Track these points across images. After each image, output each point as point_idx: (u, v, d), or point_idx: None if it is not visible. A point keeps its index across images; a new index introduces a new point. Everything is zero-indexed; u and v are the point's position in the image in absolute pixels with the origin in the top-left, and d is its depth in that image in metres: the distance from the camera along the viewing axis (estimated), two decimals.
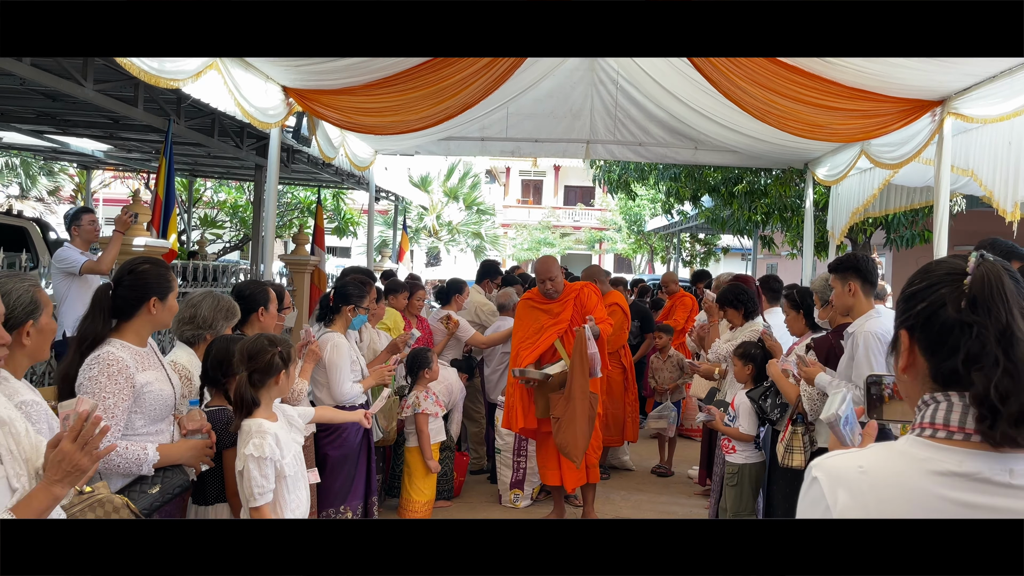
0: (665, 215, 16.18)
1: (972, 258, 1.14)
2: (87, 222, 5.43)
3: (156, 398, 2.55)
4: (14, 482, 1.64)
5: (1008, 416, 1.06)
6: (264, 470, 2.65)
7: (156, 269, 2.63)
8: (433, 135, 8.23)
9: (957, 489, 1.08)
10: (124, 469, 2.43)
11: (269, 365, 2.79)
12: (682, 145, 8.87)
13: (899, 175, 7.25)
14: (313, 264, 8.88)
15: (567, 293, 5.19)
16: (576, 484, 5.08)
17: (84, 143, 10.26)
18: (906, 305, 1.20)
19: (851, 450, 1.24)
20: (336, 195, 16.53)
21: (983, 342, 1.09)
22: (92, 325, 2.52)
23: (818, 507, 1.16)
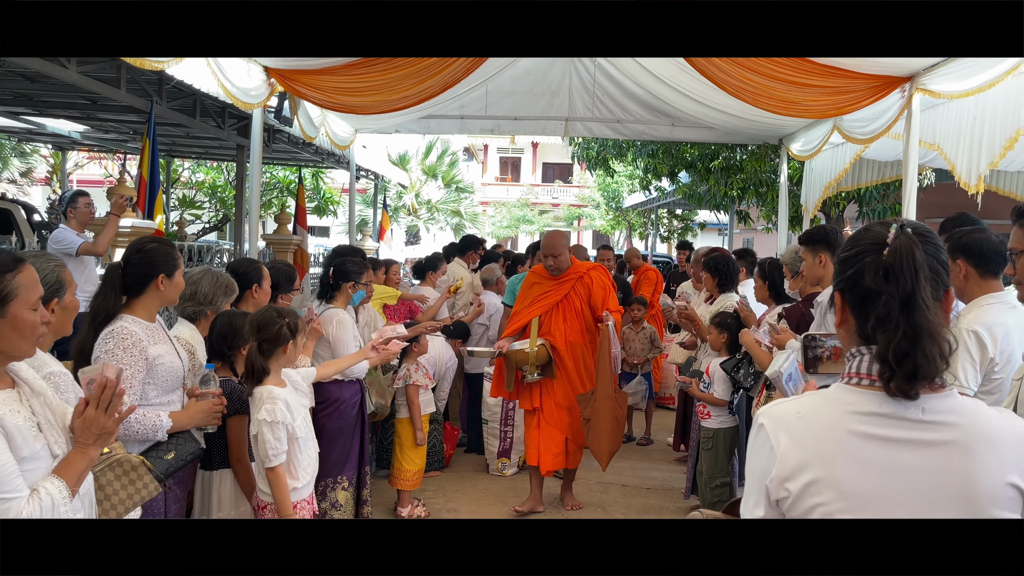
0: (643, 191, 16.34)
1: (892, 230, 1.31)
2: (83, 205, 5.51)
3: (167, 370, 2.69)
4: (55, 448, 1.77)
5: (902, 373, 1.25)
6: (277, 433, 2.83)
7: (163, 247, 2.76)
8: (413, 114, 8.28)
9: (877, 426, 1.28)
10: (143, 435, 2.57)
11: (277, 335, 2.95)
12: (659, 122, 8.99)
13: (870, 150, 7.44)
14: (296, 243, 8.96)
15: (570, 273, 5.00)
16: (551, 467, 4.99)
17: (61, 124, 10.19)
18: (839, 269, 1.38)
19: (791, 398, 1.44)
20: (315, 174, 16.50)
21: (889, 309, 1.27)
22: (104, 301, 2.65)
23: (764, 448, 1.34)
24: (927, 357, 1.25)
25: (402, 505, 4.89)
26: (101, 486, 2.03)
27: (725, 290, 4.80)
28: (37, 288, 1.76)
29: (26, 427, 1.71)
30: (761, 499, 1.34)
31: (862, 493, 1.27)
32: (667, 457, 6.42)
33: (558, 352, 4.92)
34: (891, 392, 1.27)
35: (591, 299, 4.95)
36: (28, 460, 1.68)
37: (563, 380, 4.94)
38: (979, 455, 1.26)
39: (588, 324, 4.97)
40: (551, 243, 5.00)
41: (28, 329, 1.73)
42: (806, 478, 1.28)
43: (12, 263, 1.73)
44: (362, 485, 4.20)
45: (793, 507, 1.31)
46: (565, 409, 4.95)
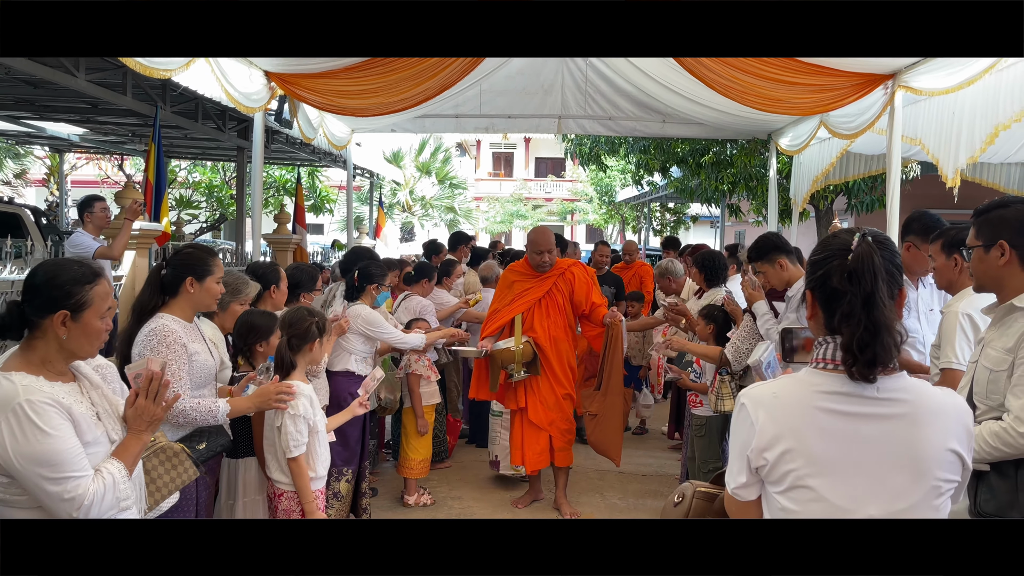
0: (635, 186, 16.53)
1: (856, 238, 1.54)
2: (99, 209, 5.69)
3: (202, 366, 2.89)
4: (112, 435, 1.99)
5: (863, 360, 1.48)
6: (299, 426, 3.04)
7: (198, 253, 2.95)
8: (409, 113, 8.45)
9: (839, 403, 1.51)
10: (201, 420, 2.78)
11: (306, 332, 3.17)
12: (650, 119, 9.16)
13: (857, 144, 7.63)
14: (295, 242, 9.11)
15: (552, 269, 4.96)
16: (536, 466, 4.92)
17: (60, 127, 10.31)
18: (811, 270, 1.61)
19: (768, 381, 1.69)
20: (312, 173, 16.63)
21: (852, 306, 1.50)
22: (144, 297, 2.88)
23: (745, 424, 1.57)
24: (884, 347, 1.48)
25: (409, 493, 5.08)
26: (147, 470, 2.21)
27: (713, 285, 4.99)
28: (108, 299, 1.98)
29: (88, 415, 1.92)
30: (743, 468, 1.58)
31: (827, 459, 1.50)
32: (661, 445, 6.63)
33: (542, 349, 4.86)
34: (853, 376, 1.50)
35: (574, 295, 4.92)
36: (91, 444, 1.89)
37: (547, 377, 4.89)
38: (925, 426, 1.50)
39: (570, 320, 4.96)
40: (545, 238, 4.93)
41: (96, 335, 1.95)
42: (781, 448, 1.52)
43: (92, 276, 1.94)
44: (361, 478, 4.40)
45: (770, 473, 1.54)
46: (550, 406, 4.89)
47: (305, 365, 3.22)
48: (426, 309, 5.48)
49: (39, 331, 1.90)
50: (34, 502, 1.83)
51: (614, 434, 4.80)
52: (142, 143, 11.16)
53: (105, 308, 1.96)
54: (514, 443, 4.96)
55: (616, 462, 4.93)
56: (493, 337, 4.92)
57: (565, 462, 4.97)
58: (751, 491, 1.60)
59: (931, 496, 1.50)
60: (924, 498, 1.50)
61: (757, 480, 1.58)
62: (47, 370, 1.91)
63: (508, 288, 5.04)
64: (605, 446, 4.82)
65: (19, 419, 1.78)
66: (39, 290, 1.90)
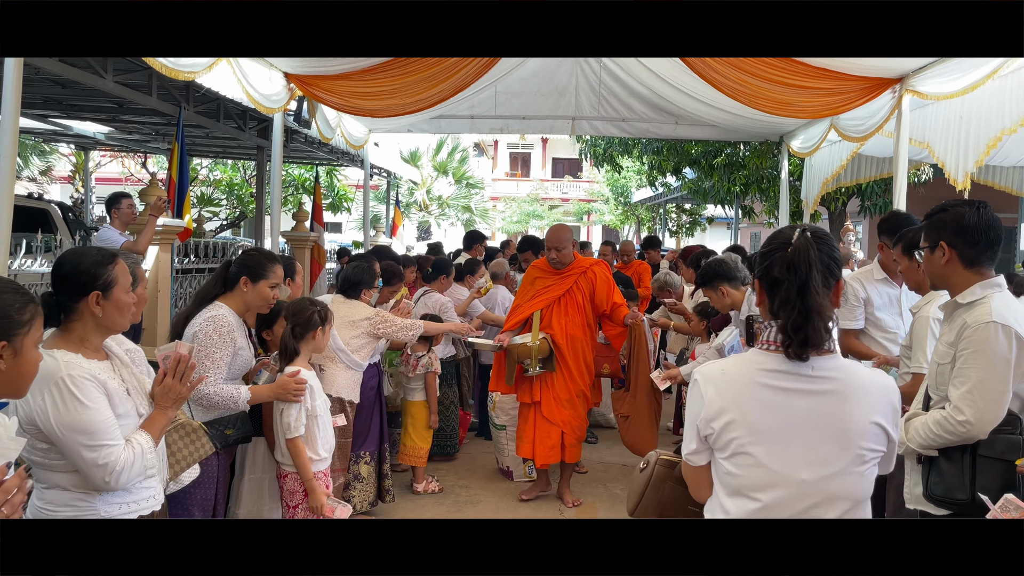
0: (650, 187, 16.62)
1: (796, 233, 1.72)
2: (126, 206, 5.92)
3: (243, 360, 3.13)
4: (140, 409, 2.20)
5: (797, 341, 1.66)
6: (296, 409, 3.22)
7: (258, 256, 3.18)
8: (425, 114, 8.60)
9: (777, 380, 1.70)
10: (223, 405, 2.99)
11: (309, 320, 3.34)
12: (663, 120, 9.26)
13: (869, 146, 7.69)
14: (313, 240, 9.30)
15: (573, 267, 5.01)
16: (546, 461, 4.99)
17: (86, 126, 10.58)
18: (759, 260, 1.78)
19: (719, 360, 1.91)
20: (330, 172, 16.87)
21: (789, 293, 1.67)
22: (208, 284, 3.17)
23: (697, 398, 1.77)
24: (815, 330, 1.66)
25: (417, 481, 5.25)
26: (168, 444, 2.41)
27: None
28: (128, 276, 2.19)
29: (120, 391, 2.13)
30: (694, 436, 1.77)
31: (765, 429, 1.68)
32: (665, 440, 6.72)
33: (558, 346, 4.94)
34: (789, 356, 1.68)
35: (595, 295, 4.98)
36: (122, 417, 2.10)
37: (562, 374, 4.97)
38: (852, 401, 1.68)
39: (589, 319, 5.03)
40: (556, 236, 5.02)
41: (126, 308, 2.16)
42: (726, 419, 1.70)
43: (111, 257, 2.15)
44: (383, 460, 4.57)
45: (716, 440, 1.72)
46: (564, 403, 4.97)
47: (308, 353, 3.38)
48: (445, 306, 5.64)
49: (75, 314, 2.10)
50: (70, 467, 2.02)
51: (647, 433, 4.83)
52: (165, 142, 11.42)
53: (129, 283, 2.16)
54: (525, 436, 5.02)
55: None
56: (512, 332, 5.02)
57: (574, 458, 5.09)
58: (701, 457, 1.79)
59: (856, 463, 1.68)
60: (850, 464, 1.67)
61: (706, 448, 1.76)
62: (85, 348, 2.10)
63: (530, 284, 5.13)
64: (640, 446, 4.82)
65: (61, 392, 1.97)
66: (68, 278, 2.09)
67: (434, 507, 5.04)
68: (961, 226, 2.41)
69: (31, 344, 1.70)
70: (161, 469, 2.27)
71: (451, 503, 5.12)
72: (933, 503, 2.40)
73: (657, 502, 2.09)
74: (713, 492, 1.79)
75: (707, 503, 1.81)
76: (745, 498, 1.70)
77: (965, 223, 2.41)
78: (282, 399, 3.18)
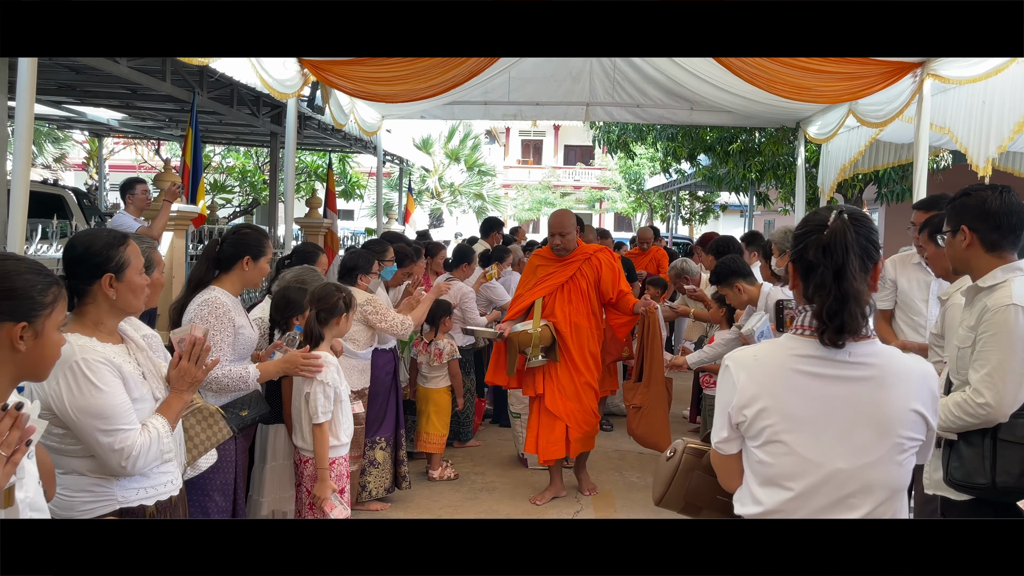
0: (663, 174, 16.52)
1: (832, 215, 1.65)
2: (140, 191, 5.93)
3: (245, 339, 3.08)
4: (156, 393, 2.18)
5: (832, 327, 1.60)
6: (327, 393, 3.21)
7: (256, 234, 3.15)
8: (439, 100, 8.56)
9: (813, 365, 1.64)
10: (233, 386, 2.96)
11: (334, 306, 3.34)
12: (678, 106, 9.17)
13: (887, 132, 7.60)
14: (326, 226, 9.29)
15: (577, 254, 4.82)
16: (551, 456, 4.78)
17: (100, 112, 10.59)
18: (793, 244, 1.73)
19: (751, 346, 1.85)
20: (343, 159, 16.86)
21: (824, 278, 1.61)
22: (199, 269, 3.10)
23: (728, 384, 1.72)
24: (851, 316, 1.60)
25: (433, 468, 5.25)
26: (185, 428, 2.39)
27: None
28: (140, 257, 2.16)
29: (136, 374, 2.10)
30: (725, 423, 1.72)
31: (800, 416, 1.63)
32: (682, 428, 6.69)
33: (561, 335, 4.74)
34: (824, 342, 1.62)
35: (600, 282, 4.79)
36: (137, 401, 2.08)
37: (567, 365, 4.75)
38: (891, 388, 1.63)
39: (594, 307, 4.84)
40: (558, 222, 4.79)
41: (140, 290, 2.13)
42: (759, 406, 1.65)
43: (122, 238, 2.12)
44: (398, 446, 4.57)
45: (749, 428, 1.68)
46: (568, 395, 4.75)
47: (332, 337, 3.38)
48: (467, 295, 5.63)
49: (89, 297, 2.07)
50: (86, 452, 2.01)
51: (660, 425, 4.64)
52: (179, 128, 11.42)
53: (141, 264, 2.14)
54: (530, 430, 4.87)
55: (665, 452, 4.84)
56: (513, 321, 4.85)
57: (581, 451, 4.90)
58: (732, 445, 1.74)
59: (895, 452, 1.63)
60: (888, 453, 1.63)
61: (737, 435, 1.72)
62: (99, 331, 2.08)
63: (532, 272, 4.95)
64: (653, 438, 4.65)
65: (75, 375, 1.95)
66: (81, 260, 2.06)
67: (450, 493, 5.04)
68: (983, 210, 2.39)
69: (53, 327, 1.65)
70: (178, 453, 2.26)
71: (467, 490, 5.11)
72: (953, 488, 2.38)
73: (685, 491, 2.03)
74: (744, 481, 1.75)
75: (737, 492, 1.77)
76: (778, 487, 1.65)
77: (987, 207, 2.39)
78: (292, 373, 3.17)
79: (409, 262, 5.19)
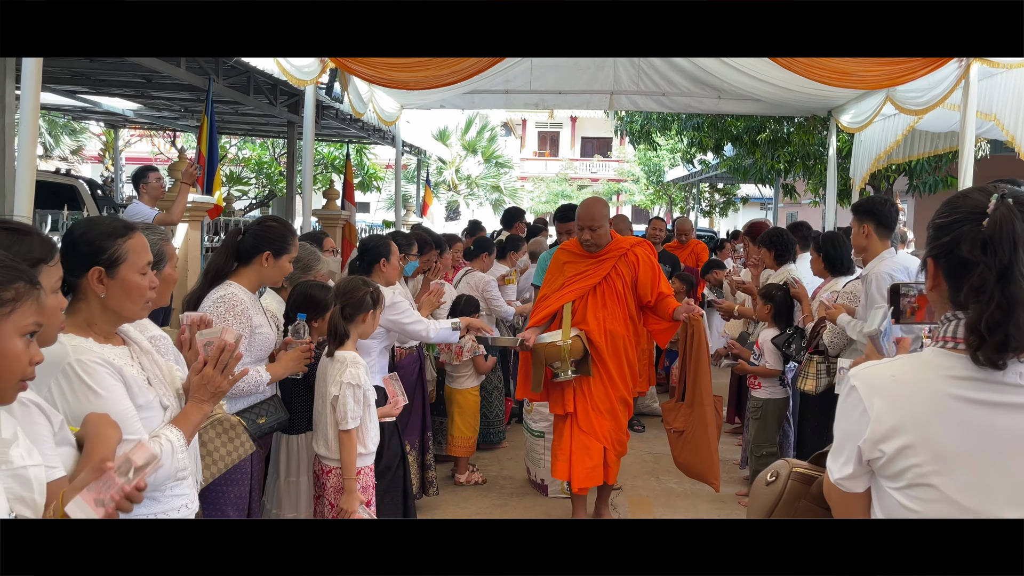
0: (686, 165, 16.22)
1: (993, 200, 1.30)
2: (154, 179, 5.74)
3: (264, 340, 2.86)
4: (164, 400, 1.91)
5: (992, 343, 1.25)
6: (357, 396, 2.98)
7: (280, 228, 2.92)
8: (458, 89, 8.33)
9: (974, 390, 1.29)
10: (246, 392, 2.74)
11: (360, 302, 3.10)
12: (706, 95, 8.91)
13: (923, 121, 7.30)
14: (344, 218, 9.11)
15: (611, 249, 4.12)
16: (585, 483, 4.12)
17: (115, 102, 10.45)
18: (934, 235, 1.39)
19: (883, 360, 1.44)
20: (360, 150, 16.69)
21: (984, 279, 1.27)
22: (217, 260, 2.87)
23: (856, 411, 1.36)
24: (1020, 328, 1.25)
25: (460, 472, 5.02)
26: (203, 442, 2.16)
27: (783, 263, 4.82)
28: (146, 254, 1.88)
29: (139, 379, 1.85)
30: (852, 458, 1.37)
31: (955, 454, 1.29)
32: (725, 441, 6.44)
33: (595, 345, 4.06)
34: (977, 361, 1.27)
35: (638, 282, 4.09)
36: (143, 408, 1.82)
37: (601, 379, 4.10)
38: None
39: (631, 311, 4.15)
40: (589, 212, 4.07)
41: (137, 292, 1.85)
42: (901, 441, 1.31)
43: (123, 230, 1.86)
44: (425, 450, 4.35)
45: (886, 467, 1.34)
46: (604, 413, 4.11)
47: (358, 336, 3.16)
48: (488, 284, 5.42)
49: (80, 292, 1.82)
50: None
51: (706, 453, 3.91)
52: (194, 119, 11.26)
53: (144, 263, 1.86)
54: (560, 453, 4.14)
55: (715, 486, 4.07)
56: (538, 328, 4.16)
57: (613, 479, 4.25)
58: (859, 483, 1.40)
59: None
60: None
61: (867, 472, 1.39)
62: (94, 332, 1.83)
63: (559, 271, 4.23)
64: (699, 469, 3.96)
65: (70, 379, 1.71)
66: (72, 249, 1.81)
67: (478, 499, 4.80)
68: None
69: (10, 332, 1.33)
70: (195, 470, 2.02)
71: (495, 495, 4.87)
72: None
73: None
74: None
75: None
76: None
77: None
78: (297, 370, 2.96)
79: (429, 249, 4.96)
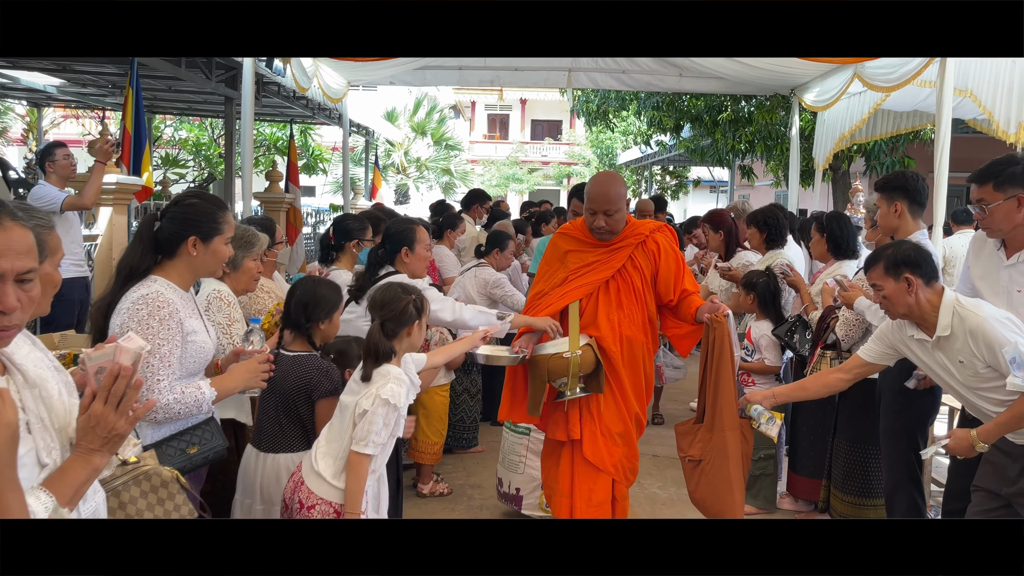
0: (640, 147, 15.97)
1: None
2: (61, 156, 5.00)
3: (198, 350, 2.32)
4: (44, 456, 1.39)
5: None
6: (389, 419, 2.46)
7: (206, 206, 2.35)
8: (410, 64, 7.87)
9: None
10: (186, 413, 2.23)
11: (403, 314, 2.59)
12: (667, 72, 8.65)
13: (888, 100, 7.12)
14: (288, 202, 8.59)
15: (626, 235, 3.25)
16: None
17: (35, 78, 9.65)
18: None
19: None
20: (304, 131, 15.99)
21: None
22: (131, 255, 2.29)
23: None
24: None
25: (423, 481, 4.50)
26: (123, 503, 1.66)
27: (773, 247, 4.49)
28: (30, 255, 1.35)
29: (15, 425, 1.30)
30: None
31: None
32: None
33: (608, 356, 3.18)
34: None
35: (658, 277, 3.24)
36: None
37: (614, 396, 3.21)
38: None
39: (651, 312, 3.28)
40: (603, 193, 3.15)
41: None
42: None
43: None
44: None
45: None
46: (615, 438, 3.22)
47: (404, 352, 2.63)
48: (499, 283, 5.07)
49: None
50: None
51: (726, 489, 3.05)
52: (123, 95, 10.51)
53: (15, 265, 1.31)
54: (559, 487, 3.28)
55: None
56: (535, 335, 3.27)
57: (625, 512, 3.37)
58: None
59: None
60: None
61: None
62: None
63: (559, 261, 3.34)
64: (717, 507, 3.08)
65: None
66: None
67: (443, 513, 4.31)
68: None
69: None
70: None
71: (463, 508, 4.37)
72: None
73: None
74: None
75: None
76: None
77: None
78: (253, 386, 2.40)
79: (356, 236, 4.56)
